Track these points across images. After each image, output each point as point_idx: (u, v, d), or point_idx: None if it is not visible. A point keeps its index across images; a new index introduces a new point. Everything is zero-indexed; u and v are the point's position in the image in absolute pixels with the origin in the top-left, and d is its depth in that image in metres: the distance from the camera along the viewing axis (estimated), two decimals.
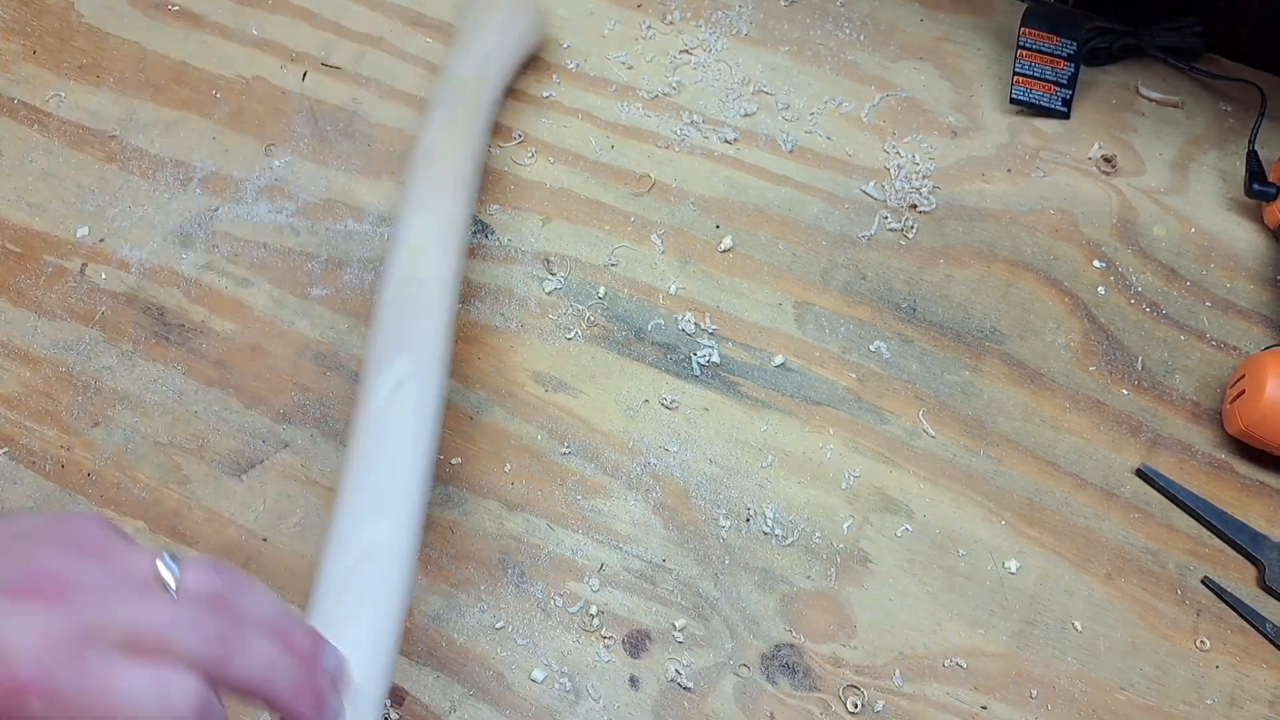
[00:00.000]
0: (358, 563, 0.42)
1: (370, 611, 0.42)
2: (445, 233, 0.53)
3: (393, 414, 0.45)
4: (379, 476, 0.44)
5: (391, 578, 0.42)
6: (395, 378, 0.46)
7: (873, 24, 0.76)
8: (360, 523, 0.43)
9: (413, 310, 0.49)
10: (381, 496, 0.44)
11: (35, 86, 0.72)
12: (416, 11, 0.76)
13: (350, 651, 0.38)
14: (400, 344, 0.48)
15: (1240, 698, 0.54)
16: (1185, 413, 0.62)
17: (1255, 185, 0.66)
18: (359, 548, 0.43)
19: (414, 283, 0.50)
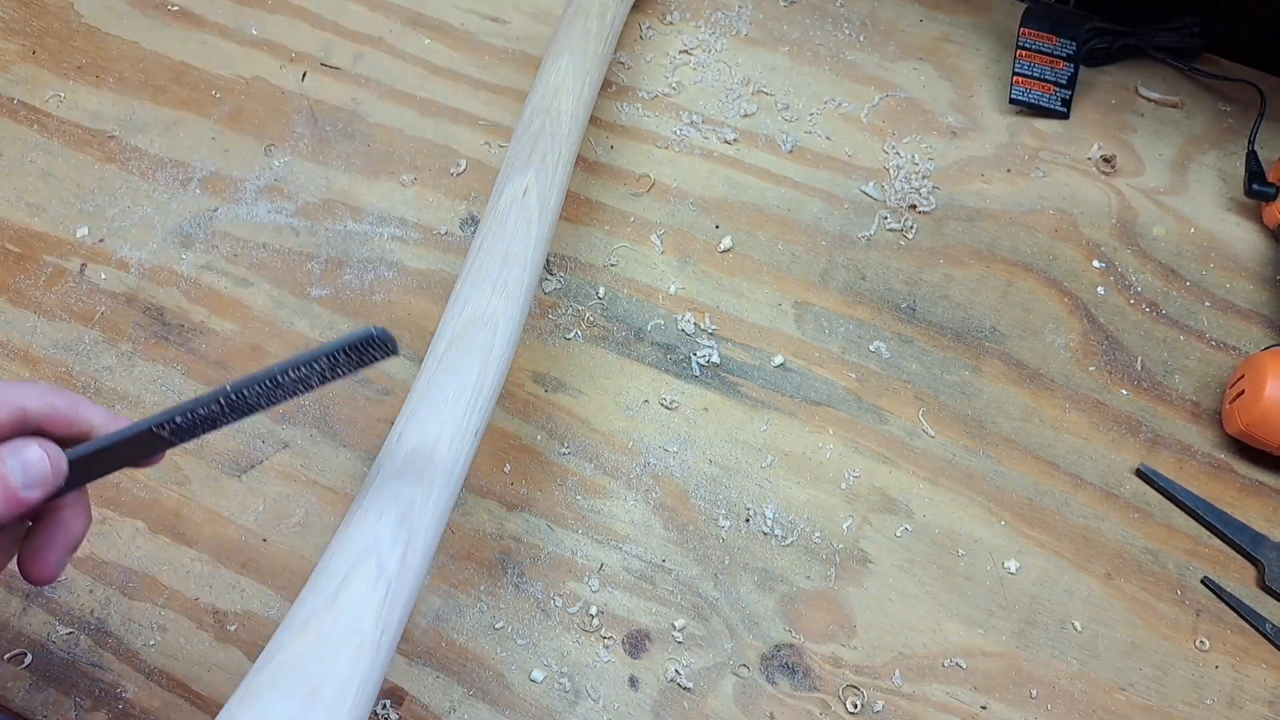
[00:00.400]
0: (467, 326, 0.50)
1: (477, 361, 0.48)
2: (581, 78, 0.62)
3: (515, 213, 0.54)
4: (498, 260, 0.52)
5: (500, 341, 0.50)
6: (522, 186, 0.55)
7: (872, 24, 0.76)
8: (476, 291, 0.51)
9: (544, 136, 0.58)
10: (498, 275, 0.52)
11: (35, 87, 0.72)
12: (416, 12, 0.76)
13: (453, 395, 0.47)
14: (528, 161, 0.56)
15: (1240, 697, 0.54)
16: (1185, 413, 0.62)
17: (1255, 185, 0.66)
18: (472, 312, 0.50)
19: (549, 114, 0.59)
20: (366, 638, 0.39)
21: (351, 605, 0.40)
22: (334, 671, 0.38)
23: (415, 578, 0.43)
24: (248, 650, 0.54)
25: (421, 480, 0.44)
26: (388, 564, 0.41)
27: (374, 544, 0.42)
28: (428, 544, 0.43)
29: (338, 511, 0.58)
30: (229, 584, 0.56)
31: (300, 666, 0.38)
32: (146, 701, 0.53)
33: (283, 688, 0.37)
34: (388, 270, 0.65)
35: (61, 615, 0.55)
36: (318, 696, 0.37)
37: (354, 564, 0.41)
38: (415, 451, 0.45)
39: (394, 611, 0.41)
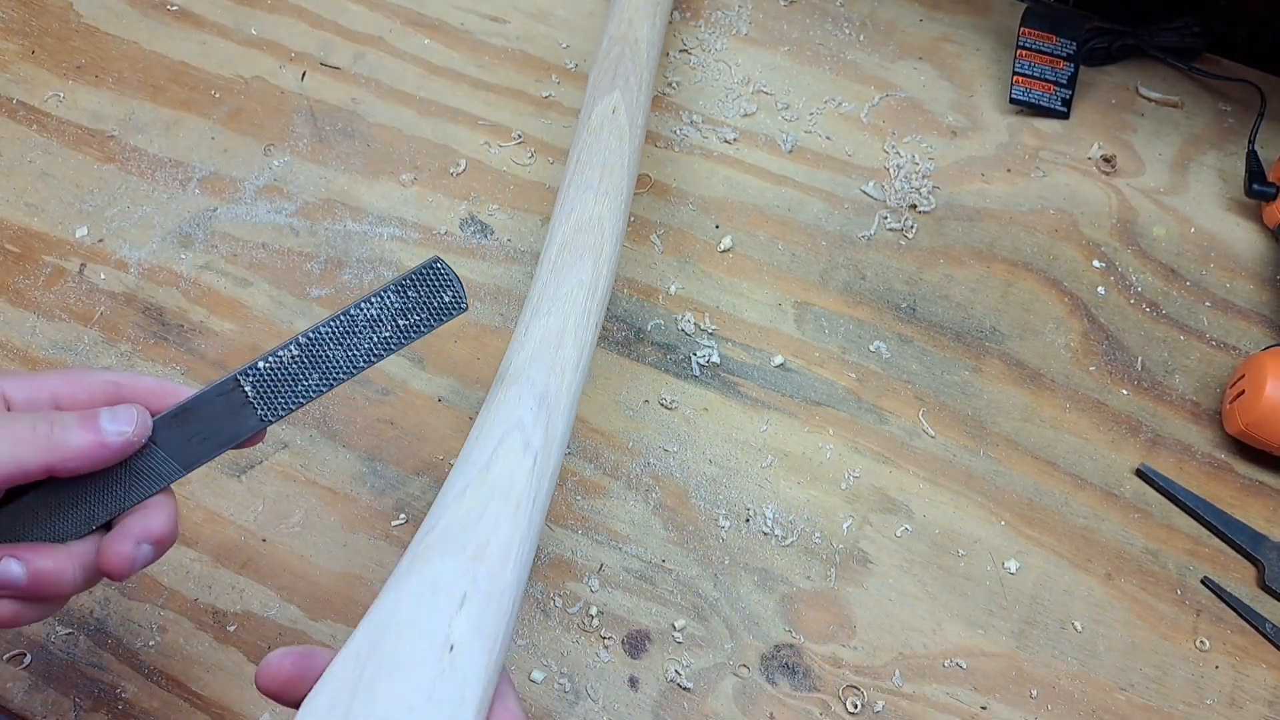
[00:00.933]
0: (576, 230, 0.54)
1: (590, 260, 0.53)
2: (652, 7, 0.66)
3: (607, 128, 0.59)
4: (597, 171, 0.57)
5: (607, 242, 0.54)
6: (610, 105, 0.60)
7: (872, 24, 0.76)
8: (580, 199, 0.55)
9: (625, 61, 0.63)
10: (599, 183, 0.56)
11: (34, 86, 0.72)
12: (416, 11, 0.76)
13: (572, 290, 0.51)
14: (613, 83, 0.61)
15: (1240, 697, 0.54)
16: (1185, 413, 0.62)
17: (1255, 185, 0.66)
18: (579, 217, 0.54)
19: (627, 41, 0.64)
20: (522, 499, 0.43)
21: (504, 472, 0.43)
22: (496, 532, 0.41)
23: (557, 454, 0.46)
24: (247, 650, 0.54)
25: (554, 368, 0.48)
26: (533, 439, 0.45)
27: (517, 423, 0.45)
28: (565, 423, 0.47)
29: (337, 512, 0.58)
30: (228, 584, 0.56)
31: (464, 528, 0.41)
32: (146, 702, 0.53)
33: (448, 548, 0.40)
34: (387, 270, 0.65)
35: (61, 615, 0.55)
36: (483, 555, 0.40)
37: (500, 439, 0.44)
38: (543, 343, 0.49)
39: (542, 481, 0.44)
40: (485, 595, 0.39)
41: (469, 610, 0.39)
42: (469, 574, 0.40)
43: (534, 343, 0.49)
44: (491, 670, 0.38)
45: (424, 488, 0.58)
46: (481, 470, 0.43)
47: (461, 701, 0.37)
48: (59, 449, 0.38)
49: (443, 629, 0.38)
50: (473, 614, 0.39)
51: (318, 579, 0.56)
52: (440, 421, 0.60)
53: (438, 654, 0.37)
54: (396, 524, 0.57)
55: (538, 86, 0.73)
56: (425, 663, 0.37)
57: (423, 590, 0.39)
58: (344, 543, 0.57)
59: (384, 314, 0.40)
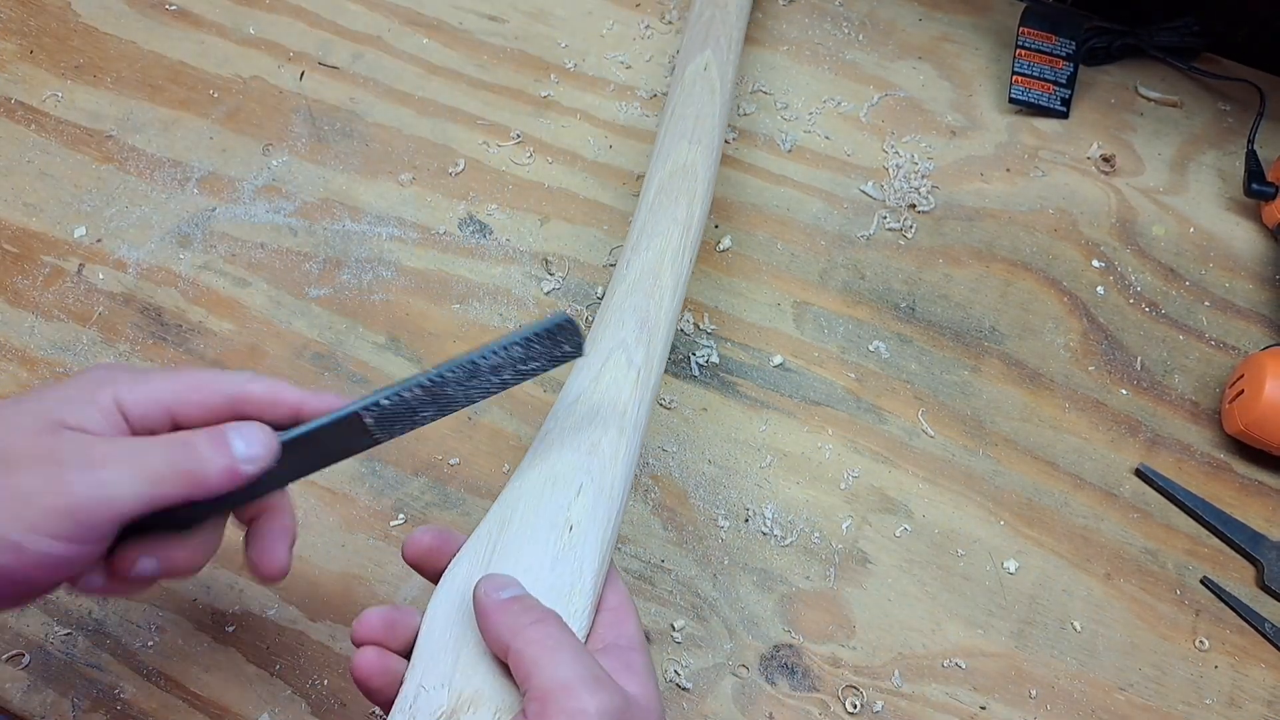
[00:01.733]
0: (672, 174, 0.58)
1: (684, 201, 0.56)
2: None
3: (700, 83, 0.63)
4: (690, 119, 0.60)
5: (700, 185, 0.57)
6: (703, 62, 0.64)
7: (871, 24, 0.76)
8: (676, 146, 0.59)
9: (716, 23, 0.67)
10: (692, 131, 0.60)
11: (32, 86, 0.72)
12: (415, 11, 0.76)
13: (668, 227, 0.55)
14: (705, 42, 0.65)
15: (1239, 697, 0.54)
16: (1184, 412, 0.62)
17: (1254, 185, 0.66)
18: (675, 162, 0.58)
19: (717, 5, 0.67)
20: (628, 406, 0.48)
21: (612, 382, 0.49)
22: (606, 432, 0.47)
23: (658, 369, 0.51)
24: (246, 651, 0.54)
25: (652, 295, 0.52)
26: (635, 356, 0.50)
27: (621, 342, 0.50)
28: (664, 342, 0.52)
29: (336, 512, 0.58)
30: (227, 585, 0.56)
31: (579, 429, 0.47)
32: (144, 702, 0.53)
33: (567, 445, 0.46)
34: (386, 270, 0.65)
35: (59, 616, 0.55)
36: (596, 451, 0.46)
37: (607, 357, 0.49)
38: (643, 274, 0.53)
39: (644, 394, 0.49)
40: (598, 486, 0.45)
41: (584, 497, 0.44)
42: (584, 466, 0.45)
43: (635, 274, 0.53)
44: (605, 549, 0.44)
45: (423, 488, 0.58)
46: (593, 379, 0.49)
47: (580, 573, 0.42)
48: (196, 482, 0.39)
49: (563, 512, 0.44)
50: (587, 501, 0.44)
51: (317, 579, 0.56)
52: (439, 421, 0.60)
53: (559, 533, 0.43)
54: (395, 524, 0.57)
55: (536, 86, 0.73)
56: (549, 539, 0.43)
57: (545, 480, 0.45)
58: (343, 543, 0.57)
59: (506, 361, 0.43)
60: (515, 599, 0.39)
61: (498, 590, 0.40)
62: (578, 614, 0.41)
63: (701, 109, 0.61)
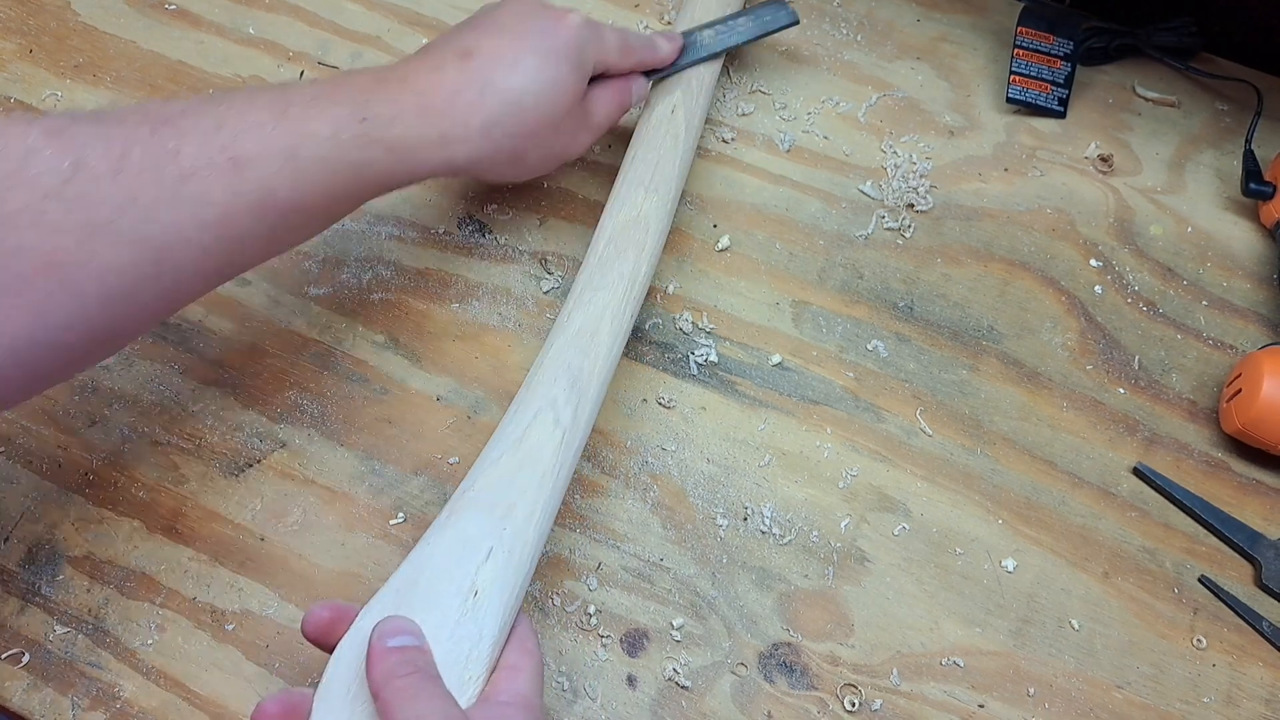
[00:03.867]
0: (625, 225, 0.58)
1: (632, 254, 0.57)
2: (722, 8, 0.70)
3: (664, 128, 0.63)
4: (650, 166, 0.61)
5: (651, 237, 0.58)
6: (670, 105, 0.64)
7: (869, 24, 0.76)
8: (631, 194, 0.59)
9: (687, 64, 0.66)
10: (650, 179, 0.60)
11: (31, 85, 0.72)
12: (413, 11, 0.76)
13: (614, 281, 0.56)
14: (676, 83, 0.65)
15: (1237, 696, 0.54)
16: (1182, 411, 0.62)
17: (1251, 184, 0.67)
18: (628, 213, 0.59)
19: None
20: (547, 469, 0.49)
21: (535, 445, 0.49)
22: (523, 495, 0.48)
23: (583, 431, 0.52)
24: (246, 649, 0.54)
25: (588, 352, 0.53)
26: (563, 416, 0.51)
27: (551, 401, 0.51)
28: (594, 403, 0.52)
29: (335, 511, 0.58)
30: (227, 583, 0.56)
31: (495, 491, 0.48)
32: (144, 701, 0.53)
33: (481, 507, 0.47)
34: (385, 269, 0.65)
35: (59, 614, 0.55)
36: (510, 515, 0.47)
37: (535, 415, 0.50)
38: (582, 329, 0.54)
39: (567, 454, 0.50)
40: (508, 550, 0.46)
41: (493, 562, 0.46)
42: (495, 531, 0.46)
43: (574, 328, 0.54)
44: (508, 613, 0.45)
45: (422, 486, 0.59)
46: (515, 442, 0.49)
47: (480, 638, 0.44)
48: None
49: (469, 576, 0.45)
50: (496, 565, 0.46)
51: (316, 578, 0.56)
52: (438, 420, 0.60)
53: (463, 598, 0.45)
54: (395, 523, 0.57)
55: None
56: (452, 604, 0.45)
57: (455, 542, 0.46)
58: (342, 542, 0.57)
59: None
60: (400, 649, 0.42)
61: (390, 635, 0.42)
62: (472, 679, 0.44)
63: (663, 155, 0.61)
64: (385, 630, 0.43)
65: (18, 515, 0.58)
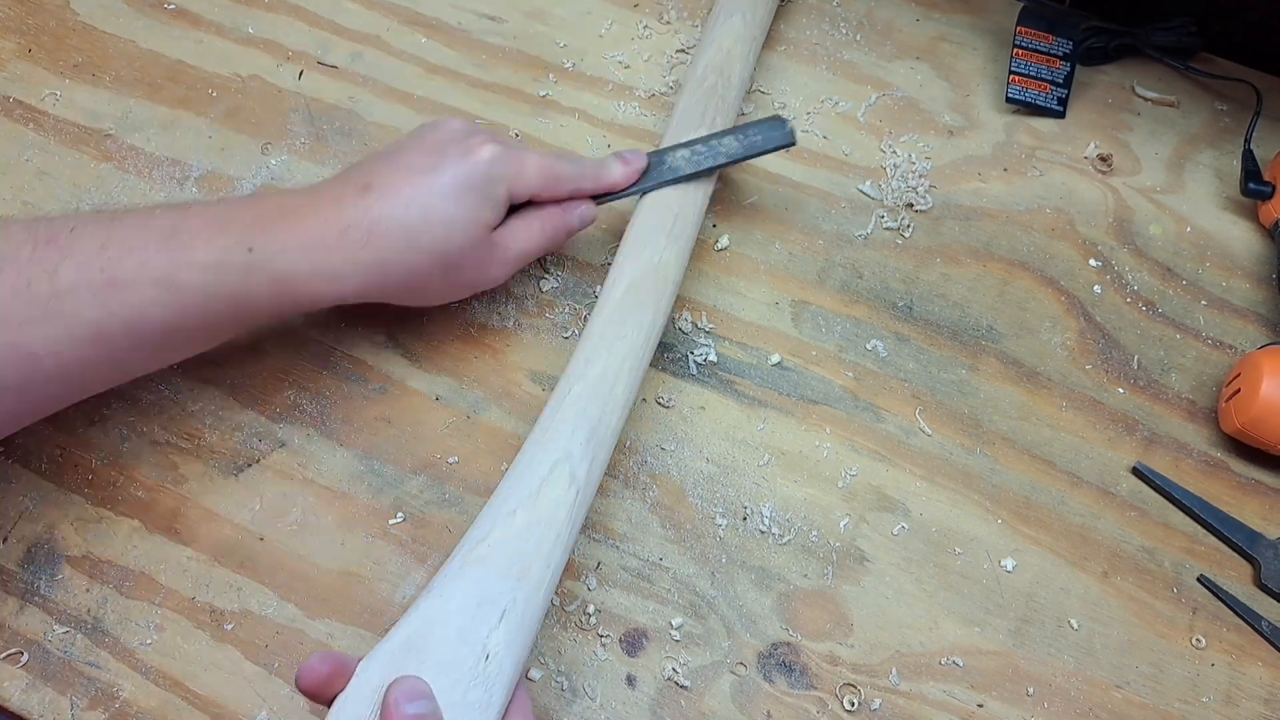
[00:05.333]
0: (644, 271, 0.57)
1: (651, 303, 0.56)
2: (750, 38, 0.68)
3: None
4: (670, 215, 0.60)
5: (669, 287, 0.57)
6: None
7: (869, 24, 0.76)
8: (654, 238, 0.58)
9: (715, 96, 0.64)
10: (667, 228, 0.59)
11: (31, 85, 0.72)
12: (413, 10, 0.76)
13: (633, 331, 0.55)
14: (701, 121, 0.63)
15: (1236, 695, 0.54)
16: (1181, 411, 0.62)
17: (1250, 184, 0.67)
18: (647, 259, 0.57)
19: (722, 74, 0.65)
20: (561, 529, 0.48)
21: (551, 502, 0.48)
22: (536, 557, 0.47)
23: (594, 490, 0.51)
24: (245, 649, 0.54)
25: (606, 405, 0.52)
26: (578, 472, 0.49)
27: (567, 455, 0.50)
28: (606, 460, 0.52)
29: (335, 510, 0.58)
30: (226, 583, 0.56)
31: (510, 549, 0.46)
32: (143, 701, 0.53)
33: (497, 566, 0.46)
34: None
35: (58, 614, 0.55)
36: (525, 577, 0.46)
37: (552, 468, 0.49)
38: (602, 378, 0.53)
39: (579, 513, 0.49)
40: (521, 613, 0.45)
41: (506, 624, 0.44)
42: (511, 593, 0.45)
43: (594, 377, 0.52)
44: (515, 678, 0.44)
45: (421, 486, 0.58)
46: (532, 495, 0.48)
47: (489, 705, 0.43)
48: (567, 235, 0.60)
49: (484, 639, 0.44)
50: (510, 628, 0.44)
51: (315, 577, 0.56)
52: (437, 420, 0.60)
53: (476, 660, 0.43)
54: (394, 523, 0.57)
55: (535, 85, 0.73)
56: (464, 667, 0.43)
57: (470, 602, 0.45)
58: (341, 541, 0.57)
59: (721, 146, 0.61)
60: (418, 715, 0.41)
61: (407, 700, 0.41)
62: None
63: (685, 203, 0.60)
64: (401, 693, 0.41)
65: (16, 515, 0.58)
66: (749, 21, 0.68)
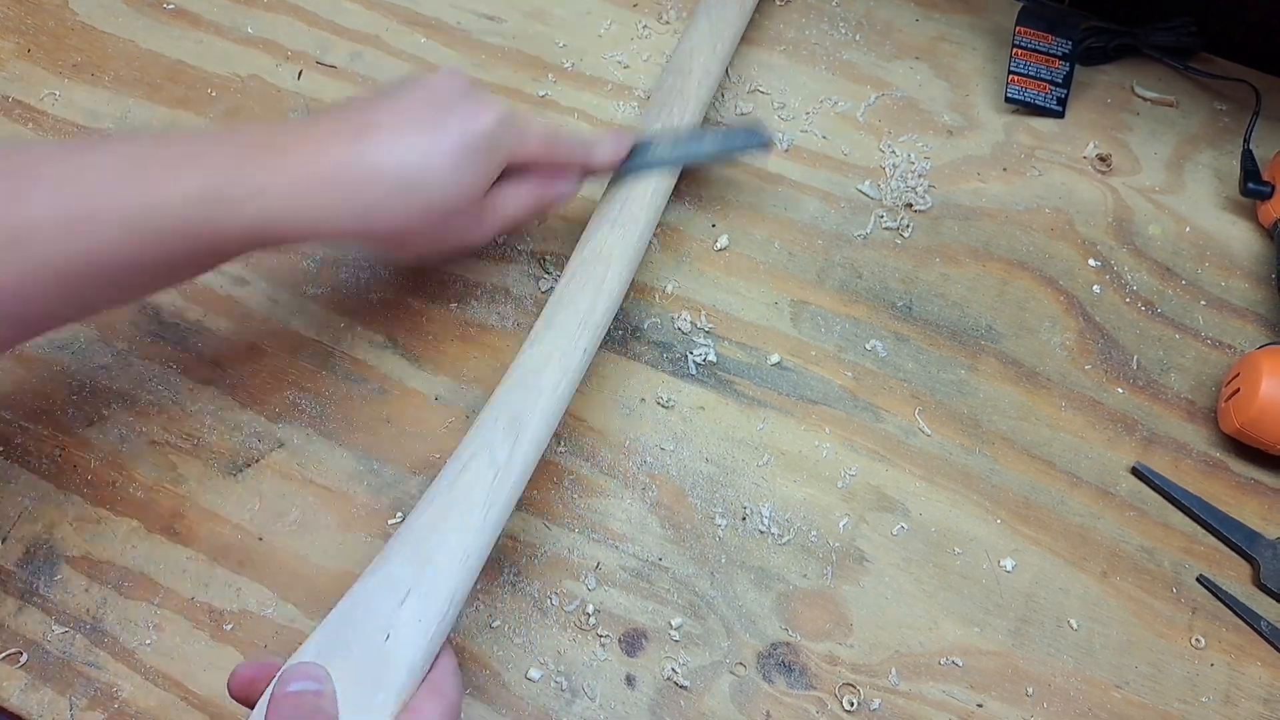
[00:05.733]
0: (585, 260, 0.57)
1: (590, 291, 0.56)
2: (716, 36, 0.68)
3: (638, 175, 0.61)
4: (619, 204, 0.60)
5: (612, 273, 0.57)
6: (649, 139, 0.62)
7: (868, 23, 0.76)
8: (597, 230, 0.58)
9: (673, 94, 0.65)
10: (615, 215, 0.59)
11: (30, 85, 0.72)
12: (412, 10, 0.76)
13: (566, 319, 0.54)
14: (658, 116, 0.64)
15: (1235, 695, 0.54)
16: (1180, 411, 0.62)
17: (1250, 184, 0.67)
18: (592, 249, 0.57)
19: (681, 72, 0.66)
20: (474, 510, 0.48)
21: (467, 486, 0.48)
22: (445, 541, 0.47)
23: (521, 465, 0.50)
24: (244, 649, 0.54)
25: (529, 392, 0.52)
26: (498, 455, 0.49)
27: (487, 442, 0.50)
28: (533, 441, 0.51)
29: (334, 510, 0.58)
30: (225, 583, 0.56)
31: (420, 539, 0.47)
32: (142, 701, 0.53)
33: (405, 551, 0.47)
34: (383, 269, 0.65)
35: (57, 614, 0.55)
36: (431, 560, 0.46)
37: (470, 458, 0.49)
38: (527, 369, 0.53)
39: (500, 491, 0.49)
40: (426, 593, 0.45)
41: (410, 604, 0.45)
42: (416, 574, 0.46)
43: (520, 371, 0.53)
44: (422, 656, 0.45)
45: (420, 486, 0.58)
46: (448, 486, 0.49)
47: (387, 681, 0.44)
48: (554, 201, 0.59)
49: (384, 620, 0.45)
50: (412, 608, 0.45)
51: (314, 577, 0.56)
52: (436, 420, 0.60)
53: (377, 641, 0.44)
54: (393, 522, 0.57)
55: (534, 85, 0.73)
56: (365, 648, 0.44)
57: (376, 587, 0.46)
58: (340, 541, 0.57)
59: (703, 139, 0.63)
60: (297, 693, 0.42)
61: (290, 681, 0.42)
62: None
63: (633, 189, 0.60)
64: (286, 676, 0.42)
65: (15, 515, 0.58)
66: (714, 22, 0.69)
